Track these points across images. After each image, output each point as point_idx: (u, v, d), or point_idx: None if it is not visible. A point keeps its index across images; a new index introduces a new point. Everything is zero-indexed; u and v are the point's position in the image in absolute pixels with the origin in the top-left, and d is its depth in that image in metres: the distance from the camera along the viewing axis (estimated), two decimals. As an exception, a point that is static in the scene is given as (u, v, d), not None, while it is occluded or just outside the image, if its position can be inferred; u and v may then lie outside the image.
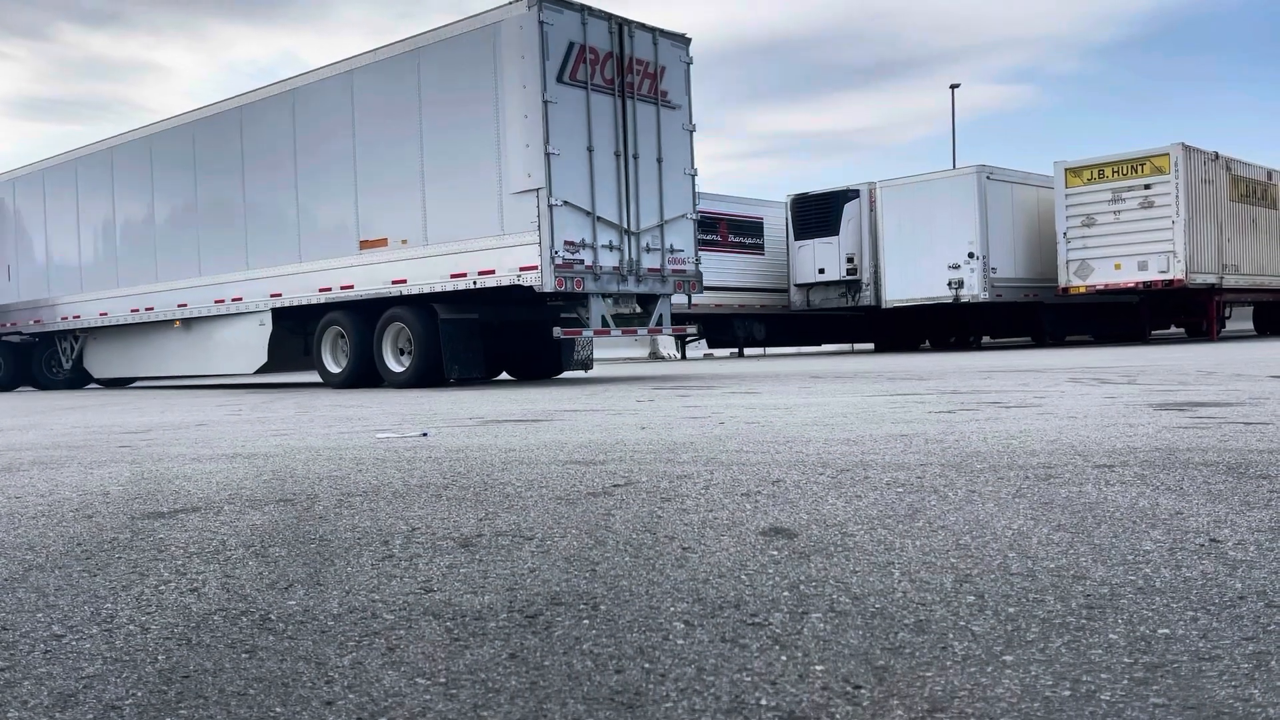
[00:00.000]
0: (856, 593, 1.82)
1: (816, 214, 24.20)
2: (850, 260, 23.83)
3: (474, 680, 1.45)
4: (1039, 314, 22.55)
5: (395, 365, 12.31)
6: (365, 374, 12.58)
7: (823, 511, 2.60)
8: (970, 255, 21.12)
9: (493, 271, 11.24)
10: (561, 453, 4.20)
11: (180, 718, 1.35)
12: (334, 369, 13.12)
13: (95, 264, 17.11)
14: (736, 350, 26.17)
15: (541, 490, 3.15)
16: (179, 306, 15.28)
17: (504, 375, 14.00)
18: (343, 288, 12.78)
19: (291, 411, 8.33)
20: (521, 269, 11.00)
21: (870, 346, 26.17)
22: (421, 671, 1.49)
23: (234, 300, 14.34)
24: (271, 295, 13.75)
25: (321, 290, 13.06)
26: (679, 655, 1.52)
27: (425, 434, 5.41)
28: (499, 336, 12.87)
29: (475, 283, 11.45)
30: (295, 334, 14.04)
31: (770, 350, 26.94)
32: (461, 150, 11.67)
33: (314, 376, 13.88)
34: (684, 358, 24.75)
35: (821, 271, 24.09)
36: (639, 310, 12.39)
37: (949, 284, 21.42)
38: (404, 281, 12.10)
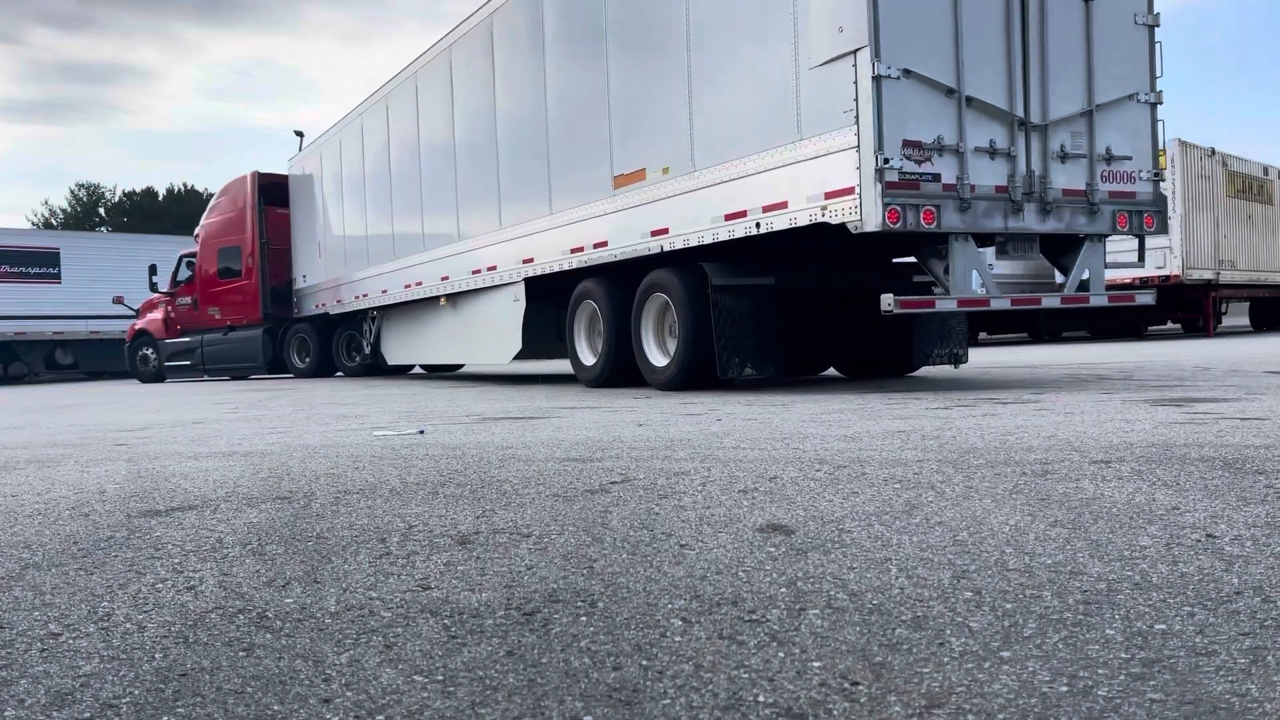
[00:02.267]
0: (854, 589, 1.82)
1: None
2: None
3: (472, 678, 1.45)
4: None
5: (657, 355, 8.55)
6: (625, 366, 8.94)
7: (820, 508, 2.60)
8: None
9: (784, 204, 6.96)
10: (559, 450, 4.20)
11: (178, 716, 1.35)
12: (588, 359, 9.59)
13: (378, 234, 14.72)
14: None
15: (539, 487, 3.14)
16: (442, 280, 12.48)
17: (830, 371, 9.83)
18: (595, 245, 9.14)
19: (288, 409, 8.32)
20: (827, 196, 6.58)
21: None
22: (419, 669, 1.49)
23: (489, 270, 11.23)
24: (524, 261, 10.42)
25: (573, 251, 9.52)
26: (677, 652, 1.52)
27: (422, 431, 5.41)
28: (814, 314, 8.84)
29: (759, 225, 7.18)
30: (552, 312, 10.58)
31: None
32: (739, 9, 7.40)
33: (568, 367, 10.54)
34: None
35: None
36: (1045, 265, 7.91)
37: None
38: (665, 231, 8.20)
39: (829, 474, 3.17)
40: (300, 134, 22.97)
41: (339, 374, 17.32)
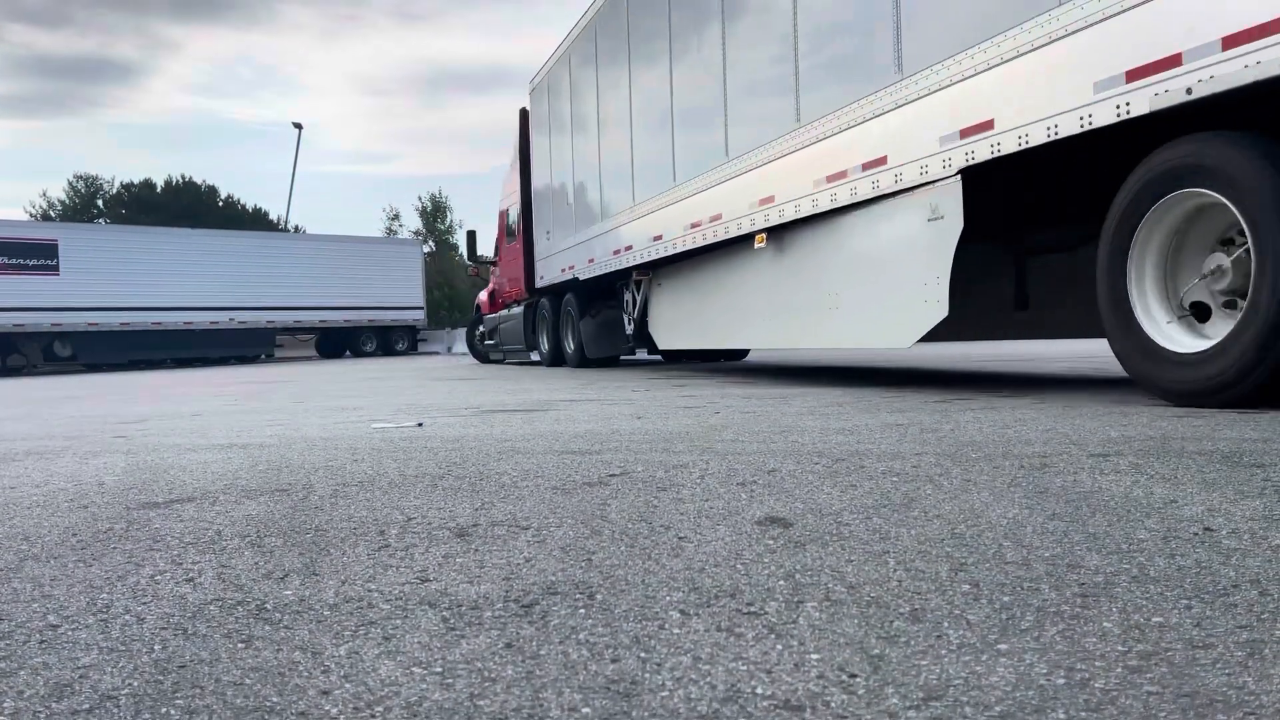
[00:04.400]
0: (852, 582, 1.82)
1: None
2: None
3: (470, 670, 1.45)
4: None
5: None
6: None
7: (818, 500, 2.60)
8: None
9: None
10: (557, 443, 4.20)
11: (177, 707, 1.35)
12: (1182, 337, 4.56)
13: (648, 153, 9.90)
14: None
15: (537, 480, 3.15)
16: (759, 205, 7.52)
17: None
18: (1233, 42, 3.74)
19: (287, 402, 8.32)
20: None
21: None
22: (418, 661, 1.49)
23: (866, 167, 6.16)
24: (961, 134, 5.28)
25: (1132, 76, 4.23)
26: (675, 644, 1.52)
27: (421, 424, 5.41)
28: None
29: None
30: (992, 256, 6.35)
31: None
32: None
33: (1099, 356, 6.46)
34: None
35: None
36: None
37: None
38: None
39: (827, 467, 3.17)
40: (299, 125, 22.79)
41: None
